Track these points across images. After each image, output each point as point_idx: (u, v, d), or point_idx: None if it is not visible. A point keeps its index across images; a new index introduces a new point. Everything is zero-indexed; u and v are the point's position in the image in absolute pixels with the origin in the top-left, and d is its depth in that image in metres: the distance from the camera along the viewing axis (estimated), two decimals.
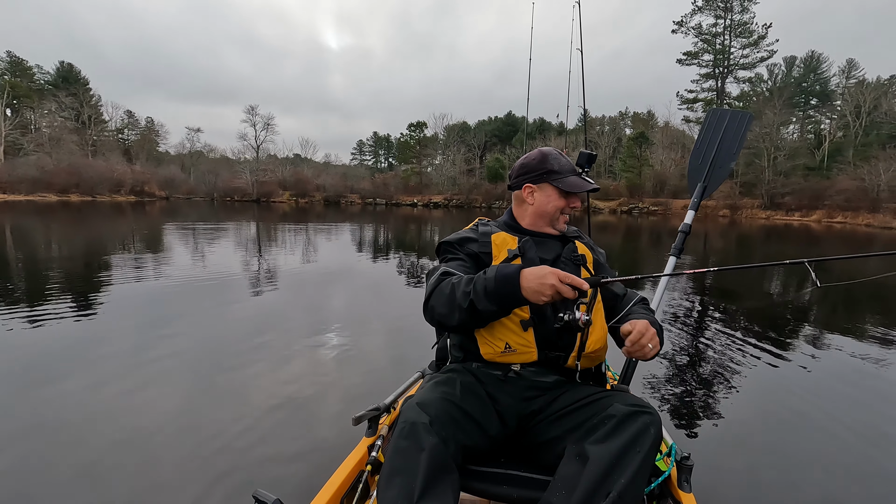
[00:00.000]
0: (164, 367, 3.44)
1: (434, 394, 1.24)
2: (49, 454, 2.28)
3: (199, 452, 2.35)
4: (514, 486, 1.24)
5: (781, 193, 37.44)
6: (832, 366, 3.89)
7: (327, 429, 2.63)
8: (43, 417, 2.64)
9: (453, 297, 1.26)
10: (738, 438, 2.66)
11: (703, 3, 44.60)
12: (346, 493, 1.38)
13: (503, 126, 67.47)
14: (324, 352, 3.97)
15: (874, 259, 11.03)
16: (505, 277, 1.19)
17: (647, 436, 1.12)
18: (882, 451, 2.56)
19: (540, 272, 1.16)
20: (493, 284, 1.19)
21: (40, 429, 2.51)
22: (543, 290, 1.14)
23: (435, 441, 1.09)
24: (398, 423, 1.17)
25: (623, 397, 1.24)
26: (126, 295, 5.63)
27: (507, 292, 1.18)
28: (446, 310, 1.27)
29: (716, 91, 46.07)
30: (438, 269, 1.41)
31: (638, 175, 45.95)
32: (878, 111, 40.93)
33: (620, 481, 1.05)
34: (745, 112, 2.01)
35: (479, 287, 1.21)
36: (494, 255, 1.46)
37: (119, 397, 2.92)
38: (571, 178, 1.52)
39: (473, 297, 1.21)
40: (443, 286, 1.30)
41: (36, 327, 4.23)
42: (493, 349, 1.36)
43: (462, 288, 1.25)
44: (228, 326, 4.55)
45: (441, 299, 1.28)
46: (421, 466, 1.05)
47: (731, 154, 2.01)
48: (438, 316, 1.30)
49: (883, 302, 6.92)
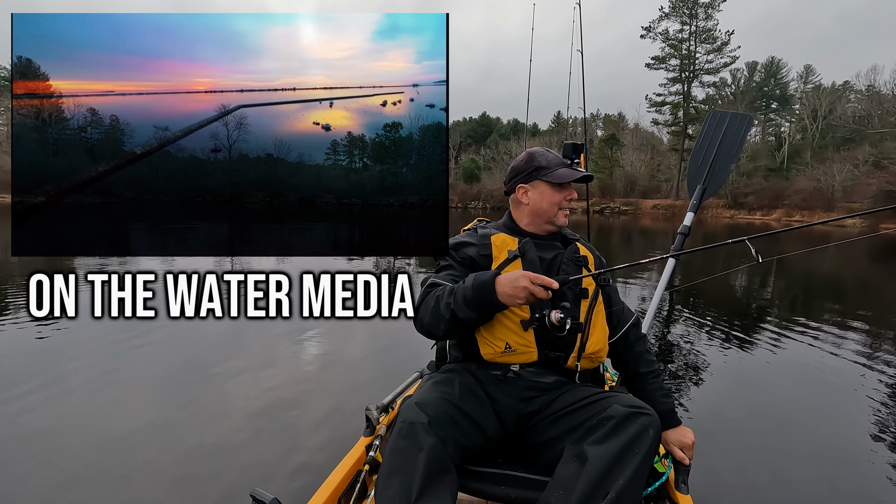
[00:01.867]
0: (155, 369, 3.49)
1: (433, 394, 1.25)
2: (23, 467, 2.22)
3: (196, 452, 2.37)
4: (512, 487, 1.25)
5: (744, 193, 39.04)
6: (832, 364, 3.97)
7: (323, 428, 2.64)
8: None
9: (437, 308, 1.28)
10: (735, 438, 2.70)
11: (670, 9, 46.12)
12: (343, 493, 1.38)
13: (478, 127, 68.02)
14: (320, 352, 4.00)
15: (812, 240, 11.89)
16: (481, 284, 1.21)
17: (645, 437, 1.13)
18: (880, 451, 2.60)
19: (513, 276, 1.19)
20: (470, 293, 1.22)
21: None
22: (517, 292, 1.16)
23: (433, 441, 1.10)
24: (397, 423, 1.18)
25: (622, 398, 1.25)
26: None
27: (483, 298, 1.20)
28: (432, 320, 1.30)
29: (682, 95, 47.62)
30: (427, 282, 1.43)
31: (609, 175, 47.12)
32: (833, 115, 43.11)
33: (619, 482, 1.06)
34: (746, 115, 2.00)
35: (458, 296, 1.24)
36: (495, 257, 1.46)
37: (106, 400, 2.95)
38: (561, 170, 1.51)
39: (454, 306, 1.24)
40: (428, 299, 1.33)
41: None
42: (494, 349, 1.36)
43: (444, 299, 1.27)
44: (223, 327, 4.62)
45: (426, 311, 1.32)
46: (419, 466, 1.06)
47: (731, 156, 1.99)
48: (427, 327, 1.33)
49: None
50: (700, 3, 45.00)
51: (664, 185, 48.03)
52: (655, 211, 42.46)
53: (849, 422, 2.98)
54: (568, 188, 1.52)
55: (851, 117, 41.88)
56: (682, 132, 46.49)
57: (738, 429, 2.85)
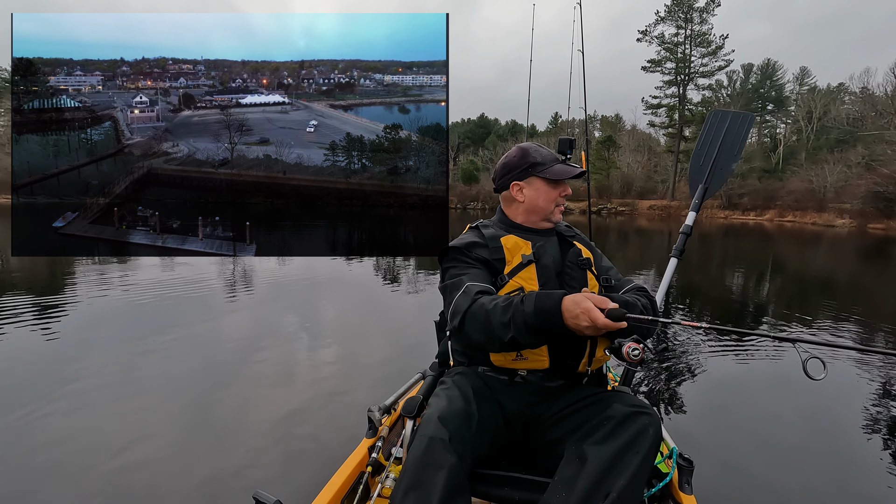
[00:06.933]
0: (160, 368, 3.61)
1: (453, 406, 1.23)
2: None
3: (199, 451, 2.43)
4: (516, 489, 1.25)
5: (739, 194, 39.47)
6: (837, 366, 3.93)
7: (326, 429, 2.66)
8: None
9: (490, 326, 1.19)
10: (739, 438, 2.70)
11: (666, 13, 46.59)
12: (346, 495, 1.38)
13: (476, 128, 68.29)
14: (322, 350, 4.09)
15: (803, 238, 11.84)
16: (545, 312, 1.11)
17: (645, 437, 1.13)
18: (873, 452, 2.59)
19: (576, 309, 1.07)
20: (533, 320, 1.12)
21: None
22: (580, 321, 1.07)
23: (454, 461, 1.09)
24: (417, 436, 1.17)
25: (623, 398, 1.25)
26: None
27: (549, 325, 1.12)
28: (484, 338, 1.21)
29: (678, 97, 48.08)
30: (461, 284, 1.32)
31: (606, 177, 47.48)
32: (827, 116, 43.61)
33: (619, 482, 1.05)
34: (748, 113, 2.00)
35: (518, 321, 1.14)
36: (508, 261, 1.41)
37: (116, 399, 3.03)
38: (556, 166, 1.49)
39: (515, 332, 1.14)
40: (475, 311, 1.23)
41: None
42: (505, 356, 1.34)
43: (499, 318, 1.17)
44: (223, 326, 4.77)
45: (477, 327, 1.22)
46: (438, 486, 1.05)
47: (733, 155, 1.97)
48: (475, 343, 1.25)
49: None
50: (695, 8, 45.48)
51: (660, 186, 48.40)
52: (652, 212, 42.89)
53: (857, 421, 2.94)
54: (563, 184, 1.51)
55: (845, 119, 42.37)
56: (677, 134, 46.93)
57: (743, 429, 2.84)
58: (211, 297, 6.20)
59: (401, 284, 7.64)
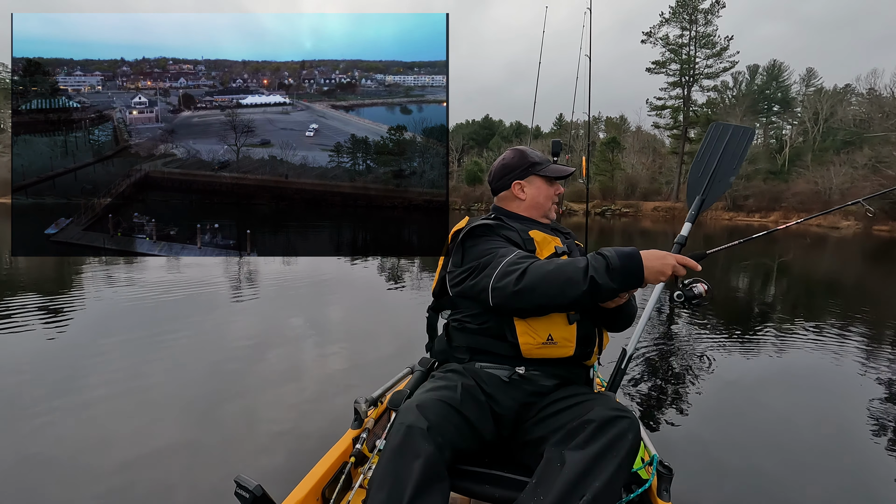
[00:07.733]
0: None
1: (434, 396, 1.24)
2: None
3: (183, 436, 2.50)
4: (496, 487, 1.25)
5: (744, 196, 39.31)
6: (829, 369, 3.95)
7: (311, 418, 2.70)
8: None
9: (561, 275, 1.19)
10: (718, 444, 2.71)
11: (671, 15, 46.49)
12: (328, 484, 1.38)
13: (480, 129, 68.38)
14: (312, 340, 4.18)
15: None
16: (627, 255, 1.17)
17: (624, 441, 1.13)
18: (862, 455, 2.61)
19: (659, 253, 1.20)
20: (616, 261, 1.16)
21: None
22: (665, 269, 1.19)
23: (431, 449, 1.09)
24: (395, 423, 1.17)
25: (605, 401, 1.26)
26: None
27: (631, 269, 1.16)
28: (555, 290, 1.19)
29: (682, 99, 47.95)
30: (506, 252, 1.34)
31: (610, 178, 47.39)
32: (834, 118, 43.35)
33: (595, 485, 1.06)
34: (748, 128, 2.03)
35: (597, 264, 1.17)
36: (539, 252, 1.43)
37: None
38: (552, 165, 1.61)
39: (595, 273, 1.16)
40: (539, 265, 1.24)
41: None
42: (534, 339, 1.34)
43: (572, 268, 1.19)
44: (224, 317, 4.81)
45: (546, 279, 1.20)
46: (414, 473, 1.05)
47: (732, 168, 2.01)
48: (540, 298, 1.21)
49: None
50: (700, 10, 45.36)
51: (665, 188, 48.25)
52: (656, 213, 42.74)
53: (842, 429, 2.94)
54: (557, 183, 1.63)
55: (852, 120, 42.10)
56: (682, 135, 46.79)
57: (723, 434, 2.86)
58: (216, 295, 6.23)
59: (405, 283, 7.66)
